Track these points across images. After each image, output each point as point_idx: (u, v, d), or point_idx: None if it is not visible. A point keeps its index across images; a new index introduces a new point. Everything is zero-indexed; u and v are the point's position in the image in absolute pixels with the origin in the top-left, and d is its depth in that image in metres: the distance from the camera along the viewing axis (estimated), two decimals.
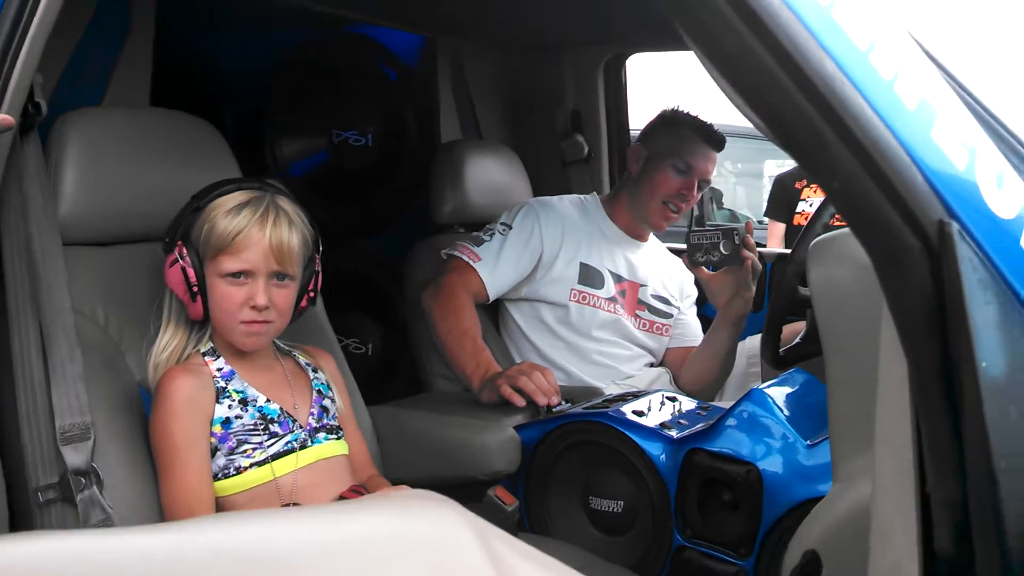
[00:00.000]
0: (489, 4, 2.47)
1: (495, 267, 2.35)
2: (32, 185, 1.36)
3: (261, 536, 0.60)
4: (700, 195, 2.53)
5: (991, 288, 0.74)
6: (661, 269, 2.61)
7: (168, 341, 1.55)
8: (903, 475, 0.78)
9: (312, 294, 1.61)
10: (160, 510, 1.45)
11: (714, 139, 2.47)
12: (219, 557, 0.57)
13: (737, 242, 2.27)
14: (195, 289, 1.49)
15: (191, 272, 1.49)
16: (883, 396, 0.82)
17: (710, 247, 2.29)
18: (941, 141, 0.76)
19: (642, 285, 2.53)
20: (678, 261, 2.66)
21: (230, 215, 1.48)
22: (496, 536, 0.67)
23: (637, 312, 2.52)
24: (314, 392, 1.63)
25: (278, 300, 1.52)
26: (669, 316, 2.58)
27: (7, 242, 1.34)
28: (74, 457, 1.32)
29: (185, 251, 1.49)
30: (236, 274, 1.49)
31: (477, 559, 0.63)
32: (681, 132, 2.48)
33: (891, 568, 0.78)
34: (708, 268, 2.34)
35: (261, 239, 1.48)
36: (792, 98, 0.74)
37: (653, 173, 2.47)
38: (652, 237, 2.63)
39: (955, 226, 0.73)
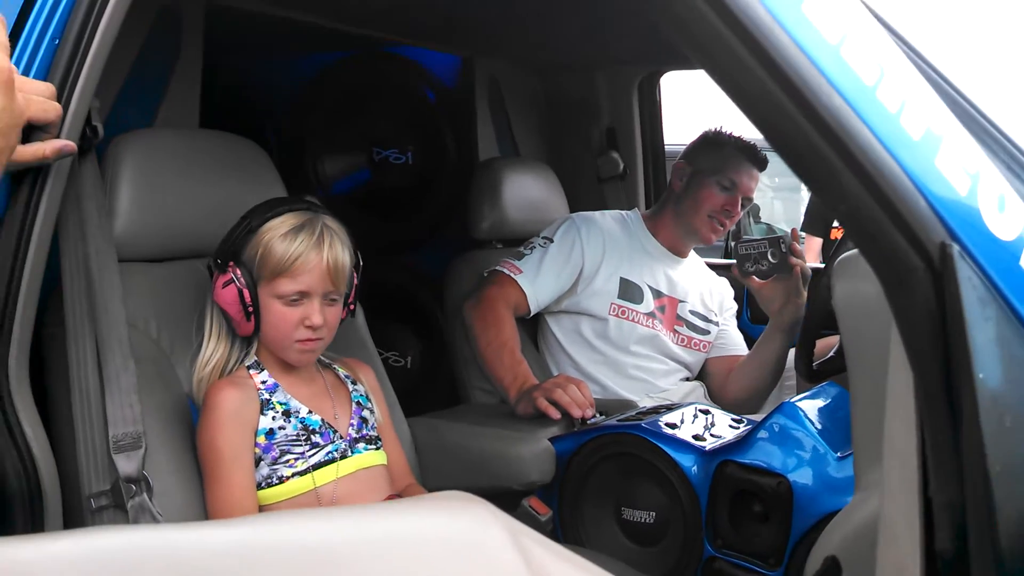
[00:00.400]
0: (524, 25, 2.52)
1: (536, 279, 2.40)
2: (89, 204, 1.42)
3: (318, 532, 0.65)
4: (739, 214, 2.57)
5: (990, 305, 0.79)
6: (701, 285, 2.64)
7: (211, 355, 1.60)
8: (908, 481, 0.82)
9: (352, 307, 1.67)
10: (206, 517, 1.51)
11: (758, 159, 2.52)
12: (278, 551, 0.62)
13: (784, 250, 2.29)
14: (250, 309, 1.55)
15: (246, 293, 1.54)
16: (891, 407, 0.87)
17: (758, 256, 2.32)
18: (944, 168, 0.81)
19: (681, 301, 2.56)
20: (717, 276, 2.70)
21: (287, 239, 1.53)
22: (528, 535, 0.71)
23: (676, 328, 2.55)
24: (353, 404, 1.68)
25: (330, 318, 1.58)
26: (707, 332, 2.60)
27: (67, 260, 1.40)
28: (126, 465, 1.37)
29: (239, 272, 1.54)
30: (293, 295, 1.54)
31: (510, 556, 0.67)
32: (725, 151, 2.53)
33: (895, 568, 0.82)
34: (758, 277, 2.36)
35: (319, 263, 1.54)
36: (803, 130, 0.80)
37: (698, 190, 2.52)
38: (692, 254, 2.67)
39: (956, 248, 0.78)
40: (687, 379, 2.59)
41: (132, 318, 1.54)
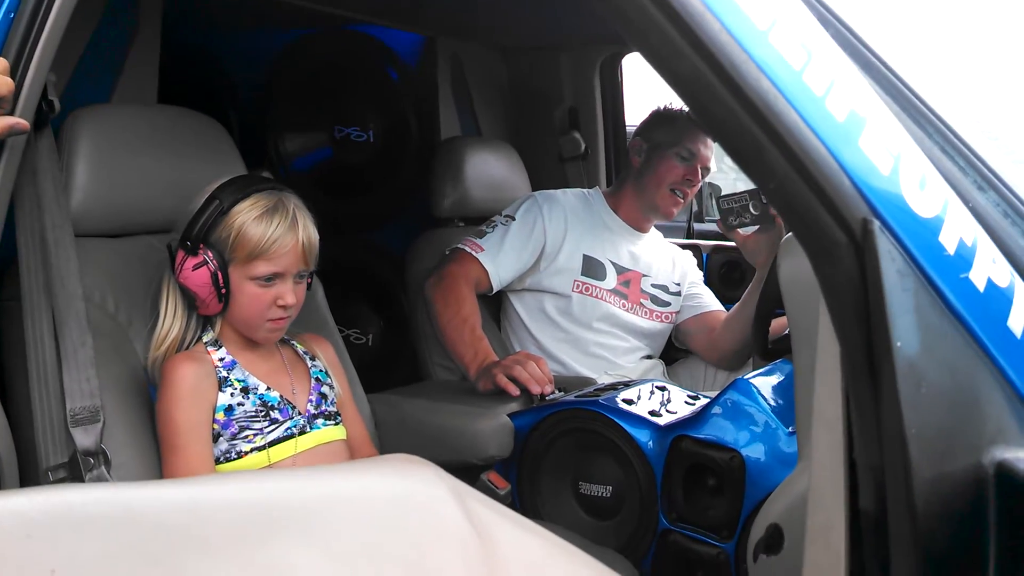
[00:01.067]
0: (487, 5, 2.52)
1: (497, 256, 2.41)
2: (45, 179, 1.42)
3: (266, 490, 0.67)
4: (700, 185, 2.60)
5: (908, 278, 0.82)
6: (663, 258, 2.66)
7: (167, 333, 1.60)
8: (834, 446, 0.87)
9: (310, 280, 1.68)
10: None
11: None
12: (227, 508, 0.63)
13: (765, 201, 2.32)
14: (223, 291, 1.55)
15: (220, 275, 1.54)
16: (819, 376, 0.91)
17: (740, 210, 2.35)
18: (867, 149, 0.84)
19: (644, 275, 2.59)
20: (679, 250, 2.73)
21: (262, 222, 1.53)
22: (473, 496, 0.73)
23: (641, 301, 2.58)
24: (312, 379, 1.70)
25: (299, 295, 1.60)
26: (668, 304, 2.63)
27: (22, 234, 1.40)
28: (83, 439, 1.38)
29: (211, 254, 1.54)
30: (268, 276, 1.55)
31: (454, 514, 0.69)
32: (679, 123, 2.56)
33: (822, 527, 0.87)
34: (742, 230, 2.39)
35: (295, 244, 1.55)
36: (733, 112, 0.83)
37: (658, 163, 2.55)
38: (653, 229, 2.69)
39: (876, 223, 0.82)
40: (648, 357, 2.62)
41: (89, 293, 1.54)
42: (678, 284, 2.67)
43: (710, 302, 2.68)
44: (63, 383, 1.38)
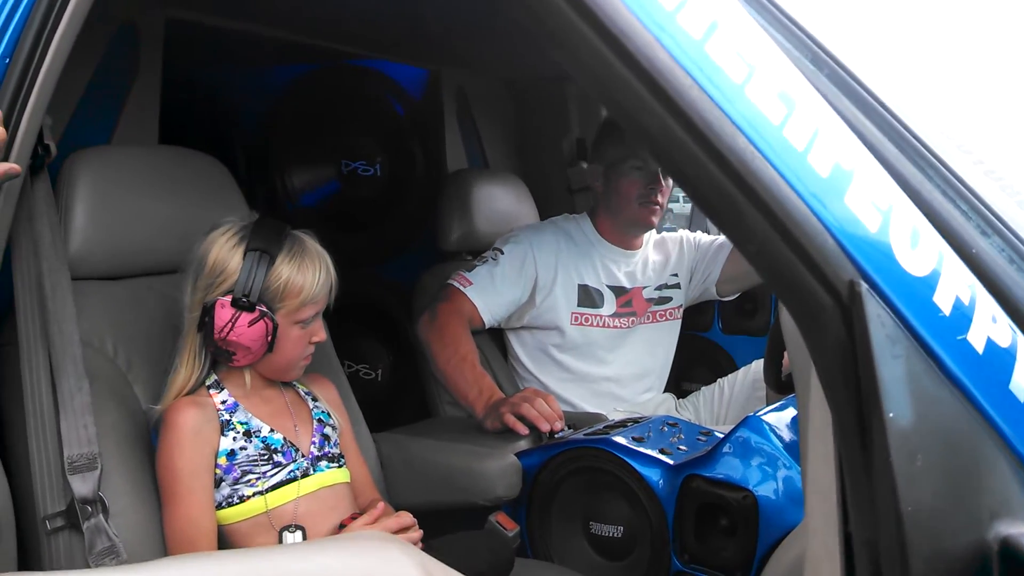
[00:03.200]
0: (492, 37, 2.51)
1: (487, 290, 2.37)
2: (42, 223, 1.41)
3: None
4: (669, 182, 2.51)
5: (900, 343, 0.78)
6: (656, 262, 2.62)
7: (185, 386, 1.57)
8: (828, 516, 0.82)
9: None
10: (163, 537, 1.49)
11: None
12: None
13: None
14: (270, 340, 1.55)
15: (271, 327, 1.54)
16: (811, 441, 0.87)
17: None
18: (854, 205, 0.80)
19: (644, 287, 2.56)
20: (671, 238, 2.70)
21: (304, 269, 1.56)
22: (442, 573, 0.70)
23: (648, 311, 2.55)
24: (315, 421, 1.67)
25: None
26: (670, 300, 2.60)
27: (19, 279, 1.38)
28: (81, 486, 1.35)
29: (265, 308, 1.53)
30: (311, 318, 1.59)
31: None
32: (624, 133, 2.48)
33: None
34: None
35: (327, 283, 1.59)
36: (708, 170, 0.78)
37: (617, 182, 2.49)
38: (644, 238, 2.63)
39: (864, 286, 0.77)
40: (653, 389, 2.58)
41: (87, 337, 1.52)
42: (675, 276, 2.63)
43: (724, 242, 2.64)
44: (60, 430, 1.36)
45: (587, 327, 2.46)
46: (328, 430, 1.68)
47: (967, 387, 0.80)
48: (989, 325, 0.83)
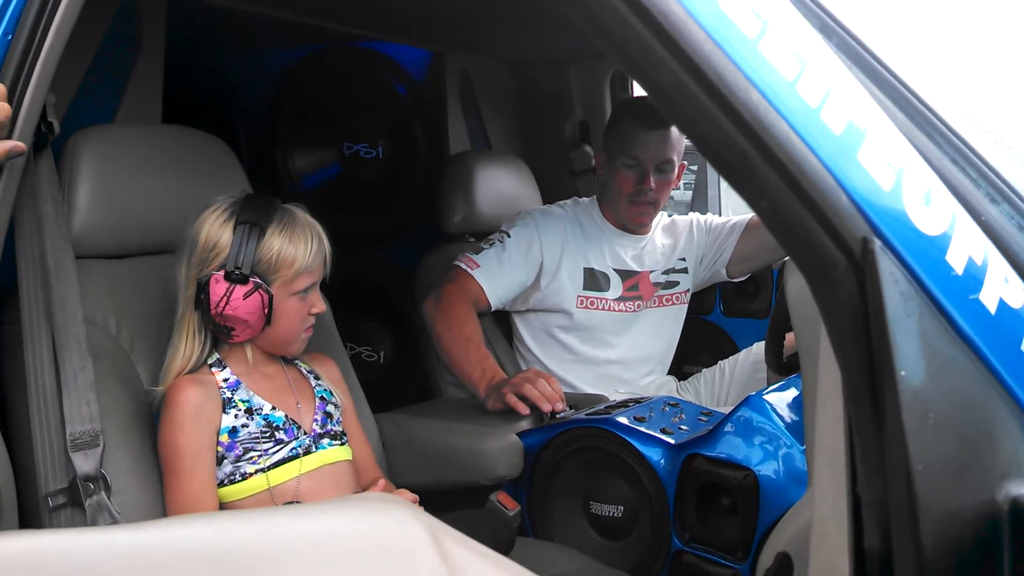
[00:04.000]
0: (495, 19, 2.51)
1: (493, 273, 2.38)
2: (45, 202, 1.41)
3: (224, 535, 0.64)
4: (669, 178, 2.48)
5: (913, 301, 0.78)
6: (666, 243, 2.61)
7: (186, 364, 1.58)
8: (837, 478, 0.82)
9: None
10: (165, 515, 1.49)
11: (652, 119, 2.40)
12: (183, 554, 0.61)
13: None
14: (266, 312, 1.56)
15: (266, 298, 1.55)
16: (820, 403, 0.86)
17: None
18: (867, 163, 0.80)
19: (651, 271, 2.55)
20: (681, 222, 2.68)
21: (296, 240, 1.56)
22: (449, 536, 0.70)
23: (655, 295, 2.55)
24: (317, 399, 1.68)
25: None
26: (677, 284, 2.60)
27: (22, 256, 1.39)
28: (83, 463, 1.36)
29: (260, 280, 1.54)
30: (307, 287, 1.59)
31: (428, 555, 0.67)
32: (622, 126, 2.47)
33: (826, 566, 0.82)
34: None
35: (321, 252, 1.60)
36: (721, 125, 0.78)
37: (612, 177, 2.49)
38: (653, 222, 2.61)
39: (877, 243, 0.77)
40: (660, 369, 2.59)
41: (91, 315, 1.52)
42: (683, 260, 2.62)
43: (743, 217, 2.62)
44: (63, 407, 1.37)
45: (593, 310, 2.46)
46: (330, 408, 1.68)
47: (979, 347, 0.81)
48: (1002, 285, 0.83)
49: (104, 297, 1.60)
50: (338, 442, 1.66)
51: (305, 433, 1.61)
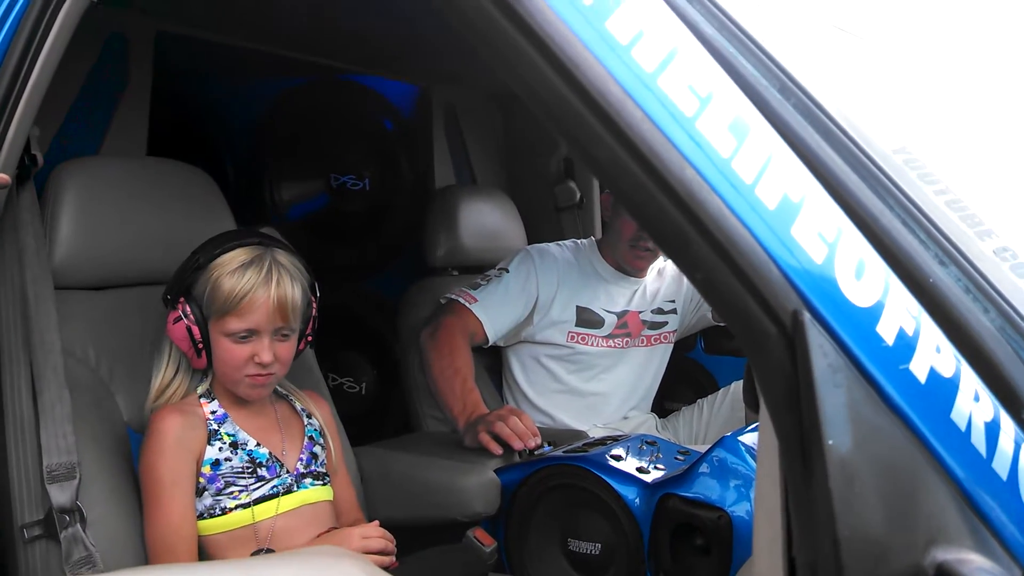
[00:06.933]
0: (480, 55, 2.53)
1: (491, 308, 2.40)
2: (27, 233, 1.42)
3: None
4: None
5: (841, 372, 0.79)
6: (658, 288, 2.64)
7: (168, 386, 1.59)
8: (773, 539, 0.83)
9: (310, 338, 1.66)
10: (143, 547, 1.49)
11: None
12: None
13: None
14: (200, 345, 1.54)
15: (195, 330, 1.53)
16: (761, 462, 0.88)
17: None
18: (800, 236, 0.81)
19: (641, 311, 2.57)
20: (670, 267, 2.69)
21: (235, 276, 1.51)
22: None
23: (642, 333, 2.56)
24: (306, 438, 1.68)
25: (281, 353, 1.57)
26: (665, 324, 2.61)
27: (1, 287, 1.39)
28: (59, 495, 1.36)
29: (188, 309, 1.53)
30: (242, 333, 1.53)
31: None
32: None
33: None
34: None
35: (267, 300, 1.52)
36: (656, 199, 0.80)
37: (616, 219, 2.54)
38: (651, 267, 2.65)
39: (807, 315, 0.78)
40: (638, 409, 2.59)
41: (70, 346, 1.53)
42: (672, 302, 2.64)
43: None
44: (40, 439, 1.37)
45: (583, 345, 2.48)
46: (317, 448, 1.68)
47: (908, 415, 0.81)
48: (933, 355, 0.84)
49: (84, 328, 1.60)
50: (320, 482, 1.66)
51: (288, 472, 1.60)
